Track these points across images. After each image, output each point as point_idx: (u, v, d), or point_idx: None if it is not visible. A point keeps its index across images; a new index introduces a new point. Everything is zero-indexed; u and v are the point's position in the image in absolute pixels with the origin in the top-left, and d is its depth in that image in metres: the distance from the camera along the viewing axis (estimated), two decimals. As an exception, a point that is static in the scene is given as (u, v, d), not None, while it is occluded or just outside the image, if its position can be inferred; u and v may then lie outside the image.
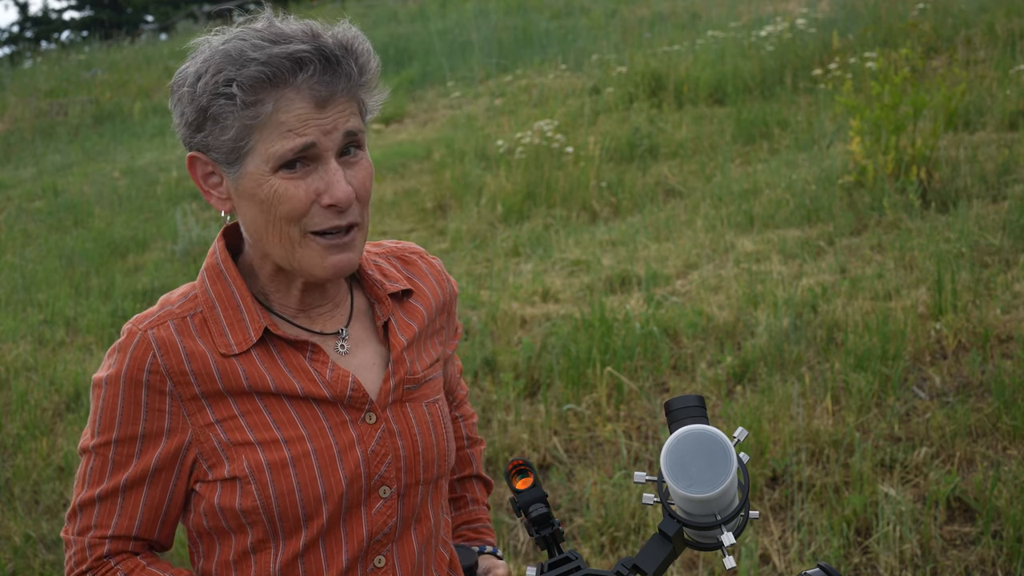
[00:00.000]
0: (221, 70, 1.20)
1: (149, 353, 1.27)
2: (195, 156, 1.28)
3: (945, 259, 4.62)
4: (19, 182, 10.03)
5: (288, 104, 1.20)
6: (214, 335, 1.30)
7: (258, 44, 1.21)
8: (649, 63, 9.04)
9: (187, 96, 1.24)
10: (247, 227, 1.30)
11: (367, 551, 1.36)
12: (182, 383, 1.28)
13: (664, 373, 4.24)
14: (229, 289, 1.32)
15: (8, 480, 4.24)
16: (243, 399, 1.30)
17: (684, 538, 1.38)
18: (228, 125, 1.22)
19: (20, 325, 6.02)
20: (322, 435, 1.31)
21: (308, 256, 1.26)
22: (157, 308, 1.33)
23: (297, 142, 1.21)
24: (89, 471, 1.30)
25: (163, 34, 21.01)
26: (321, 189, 1.23)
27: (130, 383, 1.27)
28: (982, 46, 8.05)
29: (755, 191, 6.28)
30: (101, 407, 1.28)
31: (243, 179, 1.25)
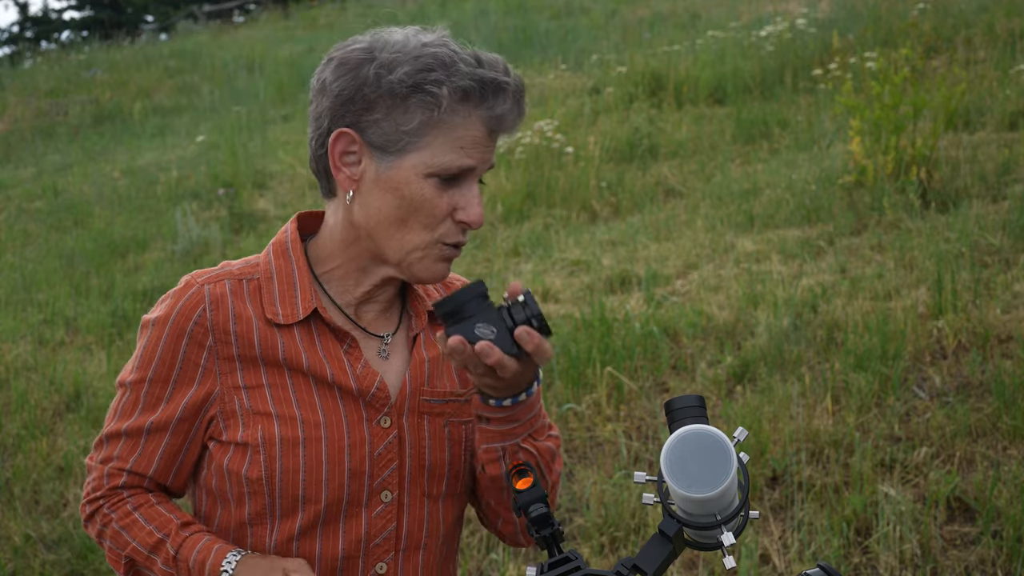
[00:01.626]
0: (432, 69, 1.26)
1: (200, 306, 1.32)
2: (346, 132, 1.30)
3: (945, 259, 4.62)
4: (19, 182, 10.03)
5: (471, 123, 1.28)
6: (264, 303, 1.35)
7: (467, 60, 1.29)
8: (649, 63, 9.05)
9: (372, 76, 1.28)
10: (369, 214, 1.32)
11: (367, 553, 1.39)
12: (223, 341, 1.33)
13: (664, 373, 4.24)
14: (290, 266, 1.37)
15: (8, 480, 4.24)
16: (274, 370, 1.34)
17: (684, 538, 1.38)
18: (414, 118, 1.27)
19: (20, 325, 6.02)
20: (338, 425, 1.35)
21: (421, 258, 1.32)
22: (218, 267, 1.39)
23: (464, 162, 1.29)
24: (122, 404, 1.36)
25: (163, 34, 21.00)
26: (460, 205, 1.30)
27: (175, 330, 1.32)
28: (982, 46, 8.05)
29: (755, 191, 6.29)
30: (144, 346, 1.34)
31: (393, 170, 1.29)
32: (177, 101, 12.95)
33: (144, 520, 1.35)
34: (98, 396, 4.79)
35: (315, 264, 1.39)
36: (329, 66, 1.33)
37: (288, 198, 8.05)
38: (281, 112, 11.30)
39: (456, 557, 1.53)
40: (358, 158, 1.31)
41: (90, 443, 4.38)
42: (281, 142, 9.64)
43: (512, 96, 1.30)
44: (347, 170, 1.32)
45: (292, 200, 7.99)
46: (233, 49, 15.33)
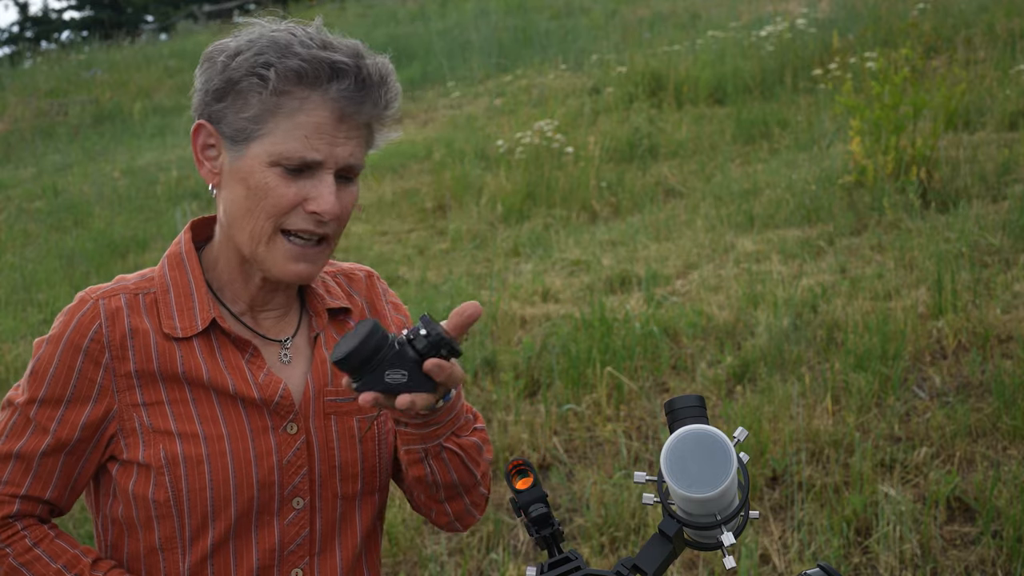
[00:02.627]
0: (263, 52, 1.24)
1: (96, 322, 1.28)
2: (203, 124, 1.29)
3: (945, 259, 4.62)
4: (19, 182, 10.03)
5: (312, 108, 1.24)
6: (162, 316, 1.31)
7: (305, 42, 1.24)
8: (649, 63, 9.05)
9: (220, 66, 1.26)
10: (226, 206, 1.30)
11: (281, 562, 1.36)
12: (119, 357, 1.28)
13: (664, 373, 4.24)
14: (186, 277, 1.33)
15: (8, 480, 4.24)
16: (173, 386, 1.30)
17: (684, 538, 1.38)
18: (251, 104, 1.24)
19: (20, 325, 6.02)
20: (242, 437, 1.32)
21: (272, 254, 1.28)
22: (112, 283, 1.34)
23: (310, 155, 1.25)
24: (11, 425, 1.29)
25: (163, 34, 21.01)
26: (310, 196, 1.26)
27: (70, 346, 1.27)
28: (982, 46, 8.05)
29: (755, 191, 6.29)
30: (34, 364, 1.29)
31: (241, 160, 1.26)
32: (177, 101, 12.95)
33: (48, 558, 1.29)
34: (98, 396, 4.80)
35: (209, 273, 1.36)
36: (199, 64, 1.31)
37: (288, 198, 8.05)
38: (281, 112, 11.30)
39: (378, 552, 1.48)
40: (217, 151, 1.29)
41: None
42: (281, 142, 9.64)
43: (356, 77, 1.24)
44: (208, 164, 1.30)
45: (292, 200, 7.99)
46: (233, 49, 15.32)
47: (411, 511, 3.64)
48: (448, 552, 3.45)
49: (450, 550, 3.46)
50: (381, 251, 6.60)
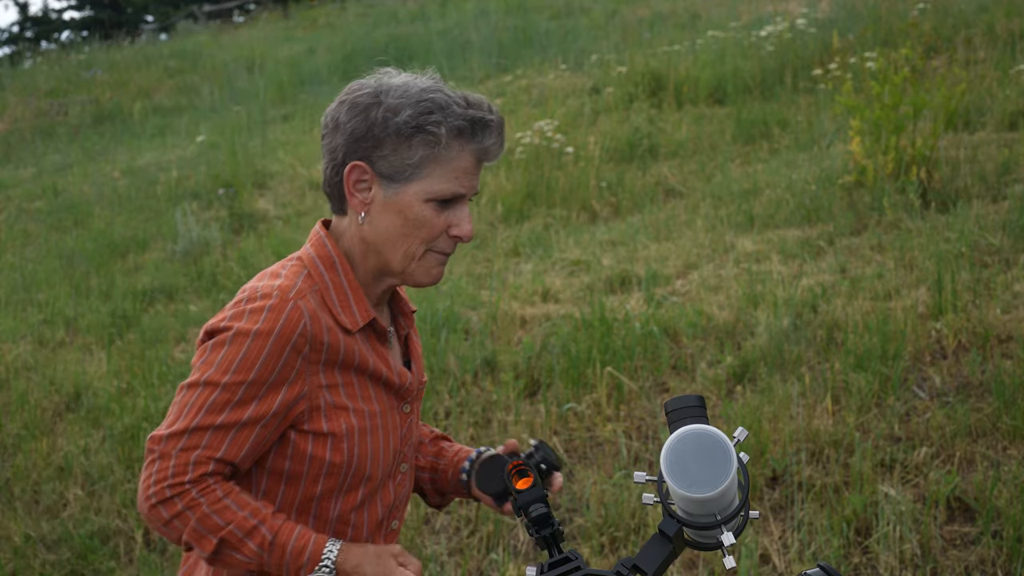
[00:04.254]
0: (431, 112, 1.51)
1: (302, 320, 1.52)
2: (359, 165, 1.55)
3: (945, 259, 4.62)
4: (19, 182, 10.03)
5: (463, 156, 1.54)
6: (333, 312, 1.57)
7: (458, 102, 1.53)
8: (649, 63, 9.04)
9: (380, 118, 1.52)
10: (378, 232, 1.57)
11: (390, 515, 1.69)
12: (316, 349, 1.54)
13: (664, 373, 4.24)
14: (340, 279, 1.59)
15: (8, 480, 4.24)
16: (346, 371, 1.58)
17: (684, 538, 1.39)
18: (414, 153, 1.52)
19: (20, 325, 6.02)
20: (385, 414, 1.63)
21: (422, 268, 1.59)
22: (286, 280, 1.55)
23: (457, 190, 1.55)
24: (211, 401, 1.50)
25: (163, 34, 21.00)
26: (453, 223, 1.57)
27: (280, 340, 1.50)
28: (982, 46, 8.05)
29: (755, 191, 6.29)
30: (243, 353, 1.50)
31: (398, 195, 1.54)
32: (177, 101, 12.95)
33: (236, 507, 1.51)
34: (98, 396, 4.79)
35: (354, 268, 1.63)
36: (342, 108, 1.56)
37: (288, 198, 8.05)
38: (281, 112, 11.30)
39: None
40: (368, 186, 1.56)
41: (90, 443, 4.38)
42: (281, 142, 9.65)
43: (496, 130, 1.55)
44: (359, 196, 1.56)
45: (292, 200, 7.99)
46: (233, 49, 15.33)
47: (411, 510, 3.65)
48: (448, 552, 3.45)
49: (450, 550, 3.47)
50: (381, 251, 6.60)
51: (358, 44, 13.26)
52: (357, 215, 1.57)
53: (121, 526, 3.85)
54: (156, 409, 4.51)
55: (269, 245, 6.78)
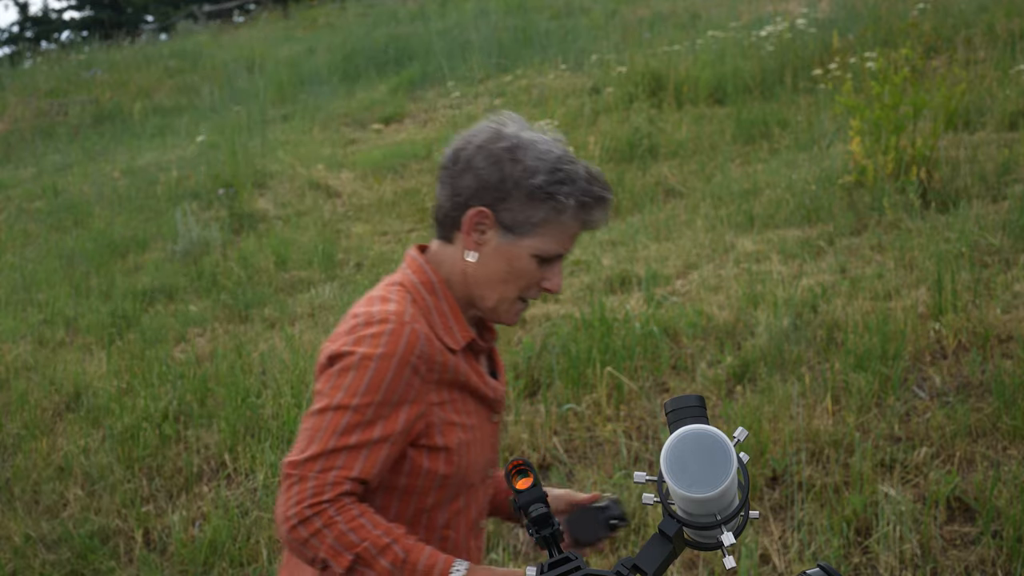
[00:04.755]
0: (563, 183, 1.65)
1: (419, 343, 1.62)
2: (484, 211, 1.67)
3: (945, 259, 4.62)
4: (19, 182, 10.03)
5: (574, 224, 1.69)
6: (439, 335, 1.68)
7: (585, 176, 1.68)
8: (649, 63, 9.04)
9: (516, 176, 1.65)
10: (482, 272, 1.71)
11: (479, 518, 1.81)
12: (430, 369, 1.65)
13: (664, 373, 4.24)
14: (441, 304, 1.71)
15: (8, 480, 4.24)
16: (452, 388, 1.69)
17: (684, 538, 1.39)
18: (538, 213, 1.66)
19: (20, 325, 6.02)
20: (481, 427, 1.75)
21: (508, 308, 1.73)
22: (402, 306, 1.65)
23: (560, 250, 1.70)
24: (343, 424, 1.59)
25: (163, 34, 21.00)
26: (546, 277, 1.72)
27: (402, 363, 1.61)
28: (982, 46, 8.05)
29: (755, 191, 6.29)
30: (369, 376, 1.60)
31: (511, 246, 1.68)
32: (177, 101, 12.96)
33: (370, 525, 1.57)
34: (98, 396, 4.80)
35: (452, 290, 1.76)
36: (478, 152, 1.67)
37: (288, 198, 8.05)
38: (281, 112, 11.30)
39: None
40: (486, 230, 1.68)
41: (90, 443, 4.39)
42: (281, 142, 9.65)
43: (608, 206, 1.73)
44: (475, 236, 1.69)
45: (292, 200, 7.99)
46: (233, 49, 15.34)
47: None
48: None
49: (450, 550, 3.46)
50: (381, 251, 6.60)
51: (358, 44, 13.27)
52: (467, 251, 1.70)
53: (121, 526, 3.85)
54: (156, 409, 4.51)
55: (269, 245, 6.78)
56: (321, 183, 8.25)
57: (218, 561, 3.55)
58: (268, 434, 4.18)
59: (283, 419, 4.22)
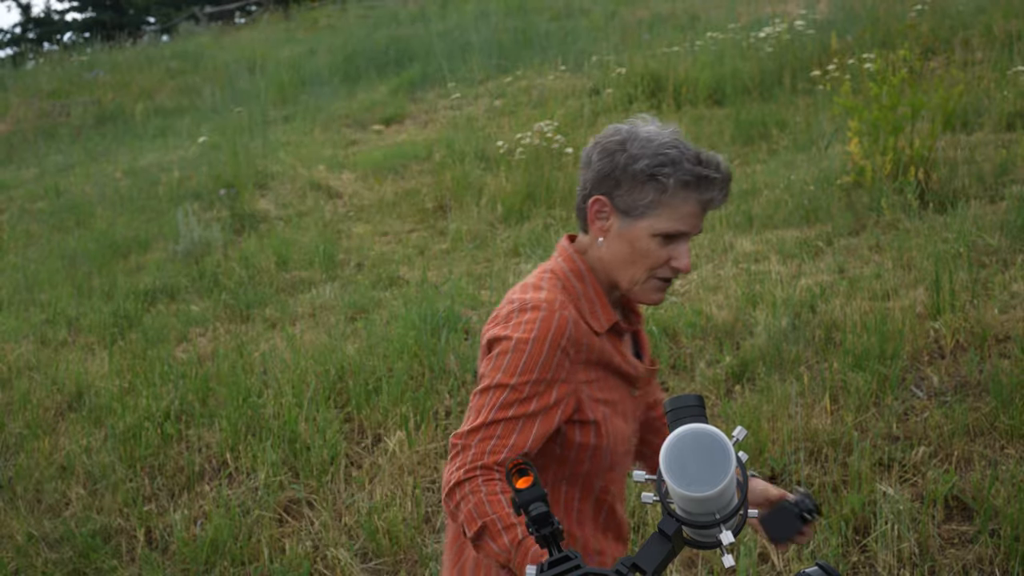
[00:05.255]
0: (664, 165, 1.78)
1: (567, 326, 1.78)
2: (600, 199, 1.83)
3: (943, 259, 4.64)
4: (21, 182, 10.04)
5: (688, 204, 1.81)
6: (585, 319, 1.83)
7: (691, 159, 1.80)
8: (648, 64, 9.06)
9: (621, 162, 1.80)
10: (611, 255, 1.85)
11: (623, 481, 1.92)
12: (579, 350, 1.80)
13: (663, 373, 4.26)
14: (588, 289, 1.86)
15: (11, 479, 4.26)
16: (597, 367, 1.84)
17: (683, 536, 1.39)
18: (646, 195, 1.80)
19: (22, 325, 6.03)
20: (623, 401, 1.89)
21: (645, 289, 1.85)
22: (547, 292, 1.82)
23: (680, 228, 1.82)
24: (502, 400, 1.75)
25: (165, 35, 21.01)
26: (675, 256, 1.84)
27: (553, 344, 1.77)
28: (980, 47, 8.06)
29: (754, 191, 6.30)
30: (525, 357, 1.76)
31: (629, 229, 1.82)
32: (179, 102, 12.97)
33: (506, 503, 1.69)
34: (100, 395, 4.81)
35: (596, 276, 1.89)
36: (595, 149, 1.85)
37: (289, 198, 8.06)
38: (282, 113, 11.31)
39: None
40: (607, 216, 1.84)
41: (92, 442, 4.40)
42: (282, 143, 9.66)
43: (719, 186, 1.83)
44: (599, 223, 1.85)
45: (293, 200, 8.00)
46: (234, 50, 15.34)
47: (411, 510, 3.67)
48: (449, 551, 3.47)
49: (451, 549, 3.48)
50: (382, 251, 6.62)
51: (359, 45, 13.28)
52: (596, 239, 1.86)
53: (123, 525, 3.87)
54: (158, 408, 4.53)
55: (270, 245, 6.80)
56: (322, 184, 8.27)
57: (219, 560, 3.56)
58: (269, 433, 4.20)
59: (284, 418, 4.24)
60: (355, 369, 4.56)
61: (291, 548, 3.54)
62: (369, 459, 4.02)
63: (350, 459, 4.05)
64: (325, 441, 4.04)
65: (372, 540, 3.54)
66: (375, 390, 4.41)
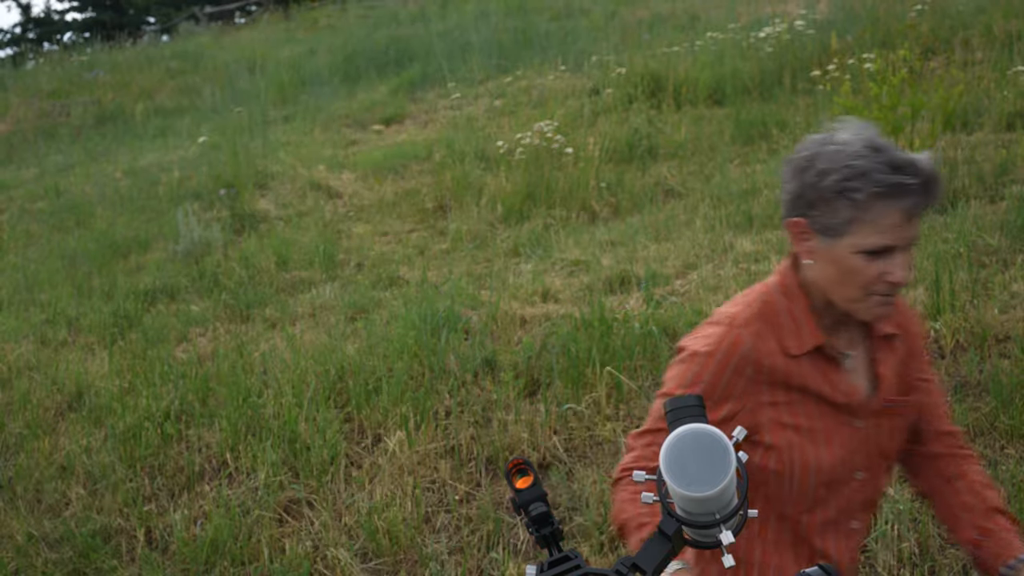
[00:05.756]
0: (851, 179, 1.67)
1: (741, 347, 1.75)
2: (798, 222, 1.75)
3: (943, 259, 4.64)
4: (21, 182, 10.05)
5: (888, 215, 1.68)
6: (780, 337, 1.78)
7: (882, 168, 1.67)
8: (648, 64, 9.07)
9: (810, 180, 1.71)
10: (821, 276, 1.77)
11: (846, 515, 1.85)
12: (758, 371, 1.76)
13: (663, 372, 4.25)
14: (794, 307, 1.80)
15: (11, 479, 4.26)
16: (789, 391, 1.77)
17: (683, 537, 1.40)
18: (841, 213, 1.69)
19: (22, 325, 6.04)
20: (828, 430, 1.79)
21: (866, 307, 1.76)
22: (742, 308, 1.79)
23: (884, 243, 1.70)
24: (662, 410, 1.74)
25: (164, 35, 21.02)
26: (887, 271, 1.72)
27: (722, 363, 1.75)
28: (980, 47, 8.07)
29: (754, 191, 6.31)
30: (693, 371, 1.77)
31: (833, 249, 1.73)
32: (179, 102, 12.98)
33: None
34: (100, 396, 4.82)
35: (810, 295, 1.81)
36: (787, 167, 1.77)
37: (289, 198, 8.07)
38: (282, 113, 11.32)
39: None
40: (808, 238, 1.76)
41: (92, 442, 4.41)
42: (282, 143, 9.67)
43: (919, 190, 1.68)
44: (802, 245, 1.78)
45: (293, 200, 8.01)
46: (234, 50, 15.36)
47: (411, 510, 3.67)
48: (448, 551, 3.47)
49: (450, 549, 3.49)
50: (382, 251, 6.62)
51: (359, 45, 13.29)
52: (804, 260, 1.78)
53: (123, 525, 3.87)
54: (158, 408, 4.53)
55: (270, 245, 6.80)
56: (322, 184, 8.27)
57: (219, 560, 3.57)
58: (269, 433, 4.20)
59: (284, 418, 4.24)
60: (355, 369, 4.57)
61: (291, 548, 3.55)
62: (369, 459, 4.03)
63: (350, 459, 4.05)
64: (325, 441, 4.05)
65: (372, 540, 3.55)
66: (375, 390, 4.42)
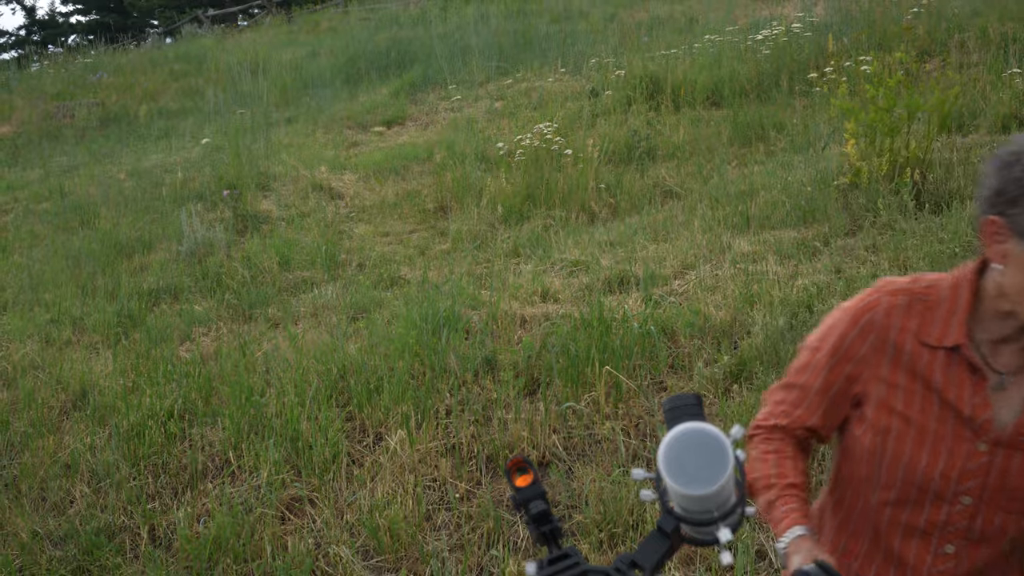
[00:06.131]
0: None
1: (874, 310, 1.67)
2: (995, 220, 1.55)
3: (938, 259, 4.67)
4: (26, 183, 10.08)
5: None
6: (925, 322, 1.66)
7: None
8: (647, 66, 9.10)
9: (1016, 177, 1.52)
10: (1012, 284, 1.57)
11: (939, 534, 1.69)
12: (882, 340, 1.67)
13: (662, 372, 4.29)
14: (955, 303, 1.66)
15: (15, 477, 4.29)
16: (911, 377, 1.66)
17: (682, 534, 1.41)
18: None
19: (27, 324, 6.07)
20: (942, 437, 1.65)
21: None
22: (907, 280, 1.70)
23: None
24: (800, 362, 1.75)
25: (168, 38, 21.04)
26: None
27: (853, 319, 1.69)
28: (975, 49, 8.10)
29: (751, 192, 6.34)
30: (832, 322, 1.72)
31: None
32: (182, 104, 13.00)
33: (771, 464, 1.72)
34: (104, 395, 4.85)
35: (979, 300, 1.65)
36: (992, 162, 1.58)
37: (291, 199, 8.10)
38: (284, 115, 11.35)
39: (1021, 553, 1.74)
40: (1004, 239, 1.56)
41: (96, 441, 4.44)
42: (284, 144, 9.70)
43: None
44: (995, 247, 1.57)
45: (295, 201, 8.04)
46: (237, 53, 15.38)
47: (412, 508, 3.70)
48: (449, 549, 3.50)
49: (451, 547, 3.51)
50: (383, 252, 6.66)
51: (360, 48, 13.32)
52: (994, 265, 1.59)
53: (127, 522, 3.89)
54: (161, 407, 4.56)
55: (273, 245, 6.84)
56: (324, 185, 8.31)
57: (222, 557, 3.59)
58: (272, 432, 4.24)
59: (286, 417, 4.28)
60: (356, 368, 4.60)
61: (293, 546, 3.58)
62: (370, 457, 4.06)
63: (352, 457, 4.08)
64: (327, 440, 4.08)
65: (373, 538, 3.58)
66: (376, 389, 4.45)
